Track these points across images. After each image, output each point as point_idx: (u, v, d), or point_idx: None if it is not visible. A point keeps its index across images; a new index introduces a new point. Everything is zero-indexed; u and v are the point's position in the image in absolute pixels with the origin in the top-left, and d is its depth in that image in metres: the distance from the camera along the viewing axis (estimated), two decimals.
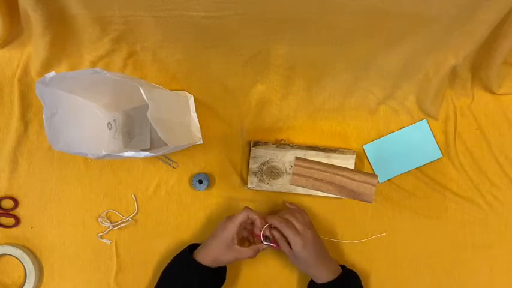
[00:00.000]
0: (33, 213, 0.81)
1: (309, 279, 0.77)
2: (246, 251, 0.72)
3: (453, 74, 0.77)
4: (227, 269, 0.76)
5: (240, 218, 0.72)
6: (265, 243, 0.74)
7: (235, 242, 0.71)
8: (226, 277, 0.76)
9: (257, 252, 0.73)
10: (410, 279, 0.83)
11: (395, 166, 0.84)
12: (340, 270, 0.74)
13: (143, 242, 0.82)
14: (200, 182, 0.81)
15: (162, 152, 0.66)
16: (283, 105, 0.84)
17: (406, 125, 0.85)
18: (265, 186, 0.82)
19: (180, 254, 0.76)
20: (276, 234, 0.73)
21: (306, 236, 0.71)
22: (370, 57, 0.75)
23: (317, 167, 0.70)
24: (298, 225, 0.72)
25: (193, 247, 0.76)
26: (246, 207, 0.74)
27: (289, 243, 0.72)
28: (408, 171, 0.84)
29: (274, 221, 0.73)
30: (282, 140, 0.84)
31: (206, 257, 0.72)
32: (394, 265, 0.83)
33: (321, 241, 0.76)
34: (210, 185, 0.82)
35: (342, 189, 0.70)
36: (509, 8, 0.65)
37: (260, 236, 0.74)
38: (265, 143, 0.82)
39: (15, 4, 0.70)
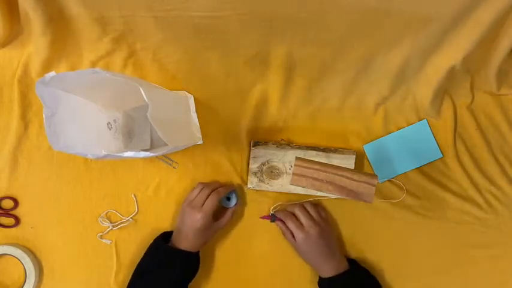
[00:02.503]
0: (33, 213, 0.81)
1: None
2: (223, 221, 0.77)
3: (453, 74, 0.77)
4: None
5: (210, 207, 0.73)
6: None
7: (212, 222, 0.74)
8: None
9: (231, 214, 0.78)
10: (410, 279, 0.83)
11: (395, 166, 0.84)
12: (346, 267, 0.75)
13: (143, 242, 0.81)
14: (228, 199, 0.81)
15: (162, 152, 0.66)
16: (283, 105, 0.84)
17: (406, 125, 0.85)
18: (265, 186, 0.82)
19: (152, 245, 0.76)
20: (281, 225, 0.77)
21: (309, 231, 0.73)
22: (370, 57, 0.75)
23: (317, 167, 0.70)
24: (303, 220, 0.75)
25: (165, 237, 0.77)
26: (214, 193, 0.75)
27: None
28: (408, 171, 0.84)
29: (280, 213, 0.77)
30: (282, 140, 0.84)
31: (185, 247, 0.73)
32: (394, 265, 0.83)
33: (330, 238, 0.76)
34: (238, 201, 0.81)
35: (341, 189, 0.70)
36: (509, 8, 0.65)
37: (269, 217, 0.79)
38: (265, 143, 0.82)
39: (15, 4, 0.70)
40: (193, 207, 0.73)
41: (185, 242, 0.73)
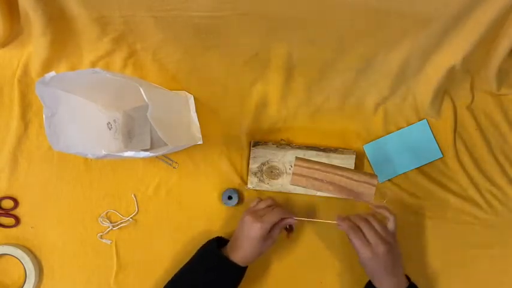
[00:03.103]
0: (33, 213, 0.81)
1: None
2: (275, 235, 0.71)
3: (453, 74, 0.77)
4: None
5: (271, 219, 0.70)
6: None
7: (266, 235, 0.70)
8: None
9: (281, 228, 0.73)
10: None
11: (395, 166, 0.84)
12: (406, 284, 0.71)
13: (143, 242, 0.82)
14: (230, 198, 0.81)
15: (162, 152, 0.66)
16: (283, 105, 0.84)
17: (406, 125, 0.85)
18: (265, 186, 0.82)
19: (208, 250, 0.74)
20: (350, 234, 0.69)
21: (376, 250, 0.67)
22: (370, 57, 0.75)
23: (317, 167, 0.70)
24: (370, 236, 0.67)
25: (219, 242, 0.74)
26: (279, 208, 0.73)
27: None
28: (408, 171, 0.84)
29: (344, 225, 0.69)
30: (282, 140, 0.84)
31: (242, 258, 0.70)
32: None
33: (396, 255, 0.70)
34: (239, 201, 0.82)
35: (342, 189, 0.70)
36: (509, 8, 0.65)
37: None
38: (265, 143, 0.82)
39: (15, 4, 0.70)
40: (255, 216, 0.70)
41: (239, 251, 0.70)
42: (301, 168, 0.71)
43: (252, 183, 0.82)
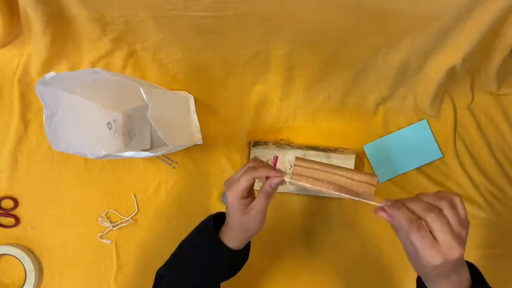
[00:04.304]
0: (33, 213, 0.81)
1: None
2: (256, 201, 0.59)
3: (453, 74, 0.77)
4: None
5: (241, 184, 0.58)
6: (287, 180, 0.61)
7: (247, 204, 0.59)
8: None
9: (266, 192, 0.60)
10: (410, 279, 0.83)
11: (395, 166, 0.84)
12: (469, 279, 0.51)
13: (143, 242, 0.82)
14: None
15: (162, 152, 0.66)
16: (283, 105, 0.84)
17: (406, 125, 0.85)
18: None
19: (203, 229, 0.65)
20: (402, 215, 0.49)
21: (447, 253, 0.46)
22: (370, 57, 0.75)
23: (317, 167, 0.70)
24: (441, 233, 0.46)
25: (217, 219, 0.64)
26: (252, 167, 0.60)
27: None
28: (408, 171, 0.84)
29: (399, 217, 0.49)
30: (282, 140, 0.84)
31: (232, 238, 0.61)
32: (393, 264, 0.83)
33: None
34: None
35: (342, 189, 0.70)
36: (509, 8, 0.65)
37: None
38: (265, 143, 0.82)
39: (15, 4, 0.70)
40: (228, 183, 0.60)
41: (227, 230, 0.62)
42: (301, 168, 0.71)
43: None
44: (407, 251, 0.52)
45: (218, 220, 0.64)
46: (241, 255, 0.64)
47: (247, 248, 0.65)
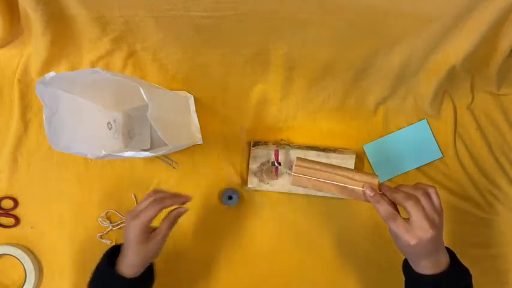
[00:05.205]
0: (33, 213, 0.81)
1: None
2: (160, 230, 0.63)
3: (453, 74, 0.77)
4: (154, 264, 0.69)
5: (146, 216, 0.61)
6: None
7: (148, 233, 0.62)
8: None
9: (172, 221, 0.64)
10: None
11: (395, 166, 0.84)
12: (446, 264, 0.60)
13: None
14: (230, 198, 0.81)
15: (162, 152, 0.66)
16: (283, 105, 0.84)
17: (406, 125, 0.85)
18: (265, 187, 0.82)
19: (101, 267, 0.67)
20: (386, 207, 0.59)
21: (420, 235, 0.56)
22: (370, 57, 0.75)
23: (318, 167, 0.70)
24: (416, 218, 0.56)
25: (114, 252, 0.66)
26: (151, 197, 0.64)
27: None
28: (408, 171, 0.84)
29: (382, 204, 0.59)
30: (282, 140, 0.84)
31: (128, 267, 0.63)
32: (393, 264, 0.83)
33: (441, 233, 0.59)
34: (239, 201, 0.81)
35: (342, 189, 0.70)
36: (509, 8, 0.65)
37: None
38: (265, 143, 0.82)
39: (15, 4, 0.70)
40: (131, 215, 0.62)
41: (125, 259, 0.63)
42: (301, 169, 0.71)
43: (252, 183, 0.82)
44: (392, 237, 0.61)
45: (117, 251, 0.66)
46: (142, 280, 0.65)
47: (149, 270, 0.66)
